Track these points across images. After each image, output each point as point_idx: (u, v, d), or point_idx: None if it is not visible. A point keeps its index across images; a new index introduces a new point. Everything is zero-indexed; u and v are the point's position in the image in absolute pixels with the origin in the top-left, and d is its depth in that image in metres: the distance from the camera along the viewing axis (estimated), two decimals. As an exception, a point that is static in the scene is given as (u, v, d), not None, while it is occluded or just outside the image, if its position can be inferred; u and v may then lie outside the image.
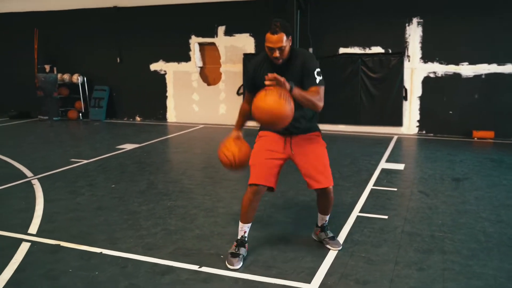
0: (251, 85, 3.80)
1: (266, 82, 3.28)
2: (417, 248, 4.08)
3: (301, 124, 3.77)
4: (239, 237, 3.91)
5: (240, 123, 4.00)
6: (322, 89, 3.58)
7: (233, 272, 3.64)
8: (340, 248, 4.09)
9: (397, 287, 3.40)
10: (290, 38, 3.55)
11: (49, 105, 12.95)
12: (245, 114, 3.97)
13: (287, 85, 3.26)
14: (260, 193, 3.75)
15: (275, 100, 3.21)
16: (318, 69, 3.61)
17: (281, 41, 3.48)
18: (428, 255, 3.94)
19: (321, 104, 3.53)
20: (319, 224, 4.22)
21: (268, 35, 3.50)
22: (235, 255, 3.80)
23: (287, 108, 3.24)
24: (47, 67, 13.24)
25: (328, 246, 4.11)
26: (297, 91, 3.34)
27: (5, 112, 13.69)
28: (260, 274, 3.61)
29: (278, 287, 3.41)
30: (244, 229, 3.90)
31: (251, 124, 3.92)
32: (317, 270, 3.65)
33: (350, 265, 3.75)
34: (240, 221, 3.89)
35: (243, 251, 3.85)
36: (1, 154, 8.14)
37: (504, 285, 3.43)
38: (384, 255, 3.94)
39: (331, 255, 3.94)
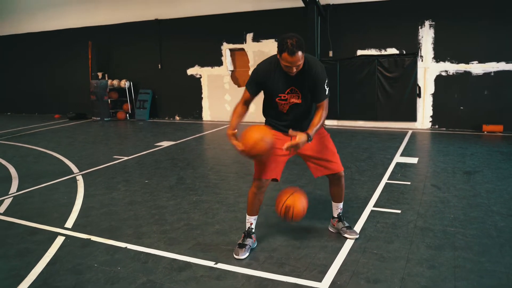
0: (257, 89, 3.45)
1: (284, 148, 3.15)
2: (428, 244, 3.62)
3: (307, 125, 3.38)
4: (246, 229, 3.62)
5: (235, 124, 3.39)
6: (327, 100, 3.38)
7: (246, 269, 3.27)
8: (357, 236, 3.75)
9: (408, 286, 2.96)
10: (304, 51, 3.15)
11: (101, 107, 12.87)
12: (241, 115, 3.49)
13: (306, 139, 3.16)
14: (264, 187, 3.44)
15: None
16: (326, 81, 3.33)
17: (299, 59, 3.09)
18: (440, 251, 3.47)
19: (326, 114, 3.39)
20: (335, 215, 3.86)
21: (286, 56, 3.05)
22: (241, 245, 3.52)
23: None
24: (99, 74, 13.27)
25: (346, 235, 3.77)
26: (313, 132, 3.22)
27: (65, 114, 13.83)
28: (273, 271, 3.22)
29: (289, 285, 3.03)
30: (250, 221, 3.60)
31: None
32: (329, 268, 3.24)
33: (361, 262, 3.33)
34: (247, 214, 3.59)
35: (249, 242, 3.56)
36: (56, 152, 8.01)
37: (517, 284, 2.94)
38: (396, 251, 3.49)
39: (344, 251, 3.52)
